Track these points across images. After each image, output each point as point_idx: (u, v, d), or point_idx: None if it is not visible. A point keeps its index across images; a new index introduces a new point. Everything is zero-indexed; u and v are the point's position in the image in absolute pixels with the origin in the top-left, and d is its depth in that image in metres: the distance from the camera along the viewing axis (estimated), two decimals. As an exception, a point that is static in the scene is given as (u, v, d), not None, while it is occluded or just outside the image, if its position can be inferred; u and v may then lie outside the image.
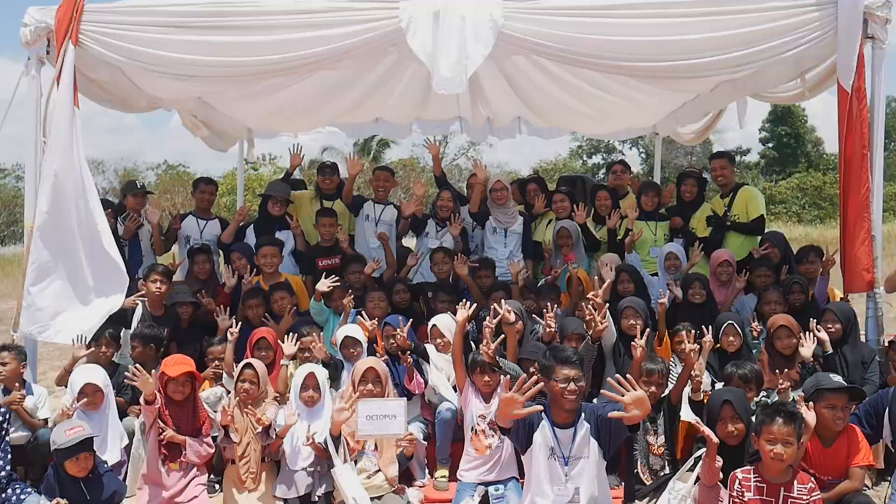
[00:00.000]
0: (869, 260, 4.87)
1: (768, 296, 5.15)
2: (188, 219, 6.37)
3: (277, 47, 4.99)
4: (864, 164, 4.87)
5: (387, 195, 6.78)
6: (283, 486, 4.18)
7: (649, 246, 6.34)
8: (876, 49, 4.92)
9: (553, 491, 3.53)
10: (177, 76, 5.32)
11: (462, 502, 4.05)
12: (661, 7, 4.82)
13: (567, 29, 4.84)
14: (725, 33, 4.81)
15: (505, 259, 6.09)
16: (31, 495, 4.10)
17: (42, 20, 4.94)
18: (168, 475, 4.09)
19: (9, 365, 4.39)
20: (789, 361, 4.66)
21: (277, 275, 5.66)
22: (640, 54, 4.94)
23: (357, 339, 4.81)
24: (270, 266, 5.62)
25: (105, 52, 5.01)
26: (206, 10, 4.96)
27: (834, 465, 3.57)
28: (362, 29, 4.87)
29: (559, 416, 3.56)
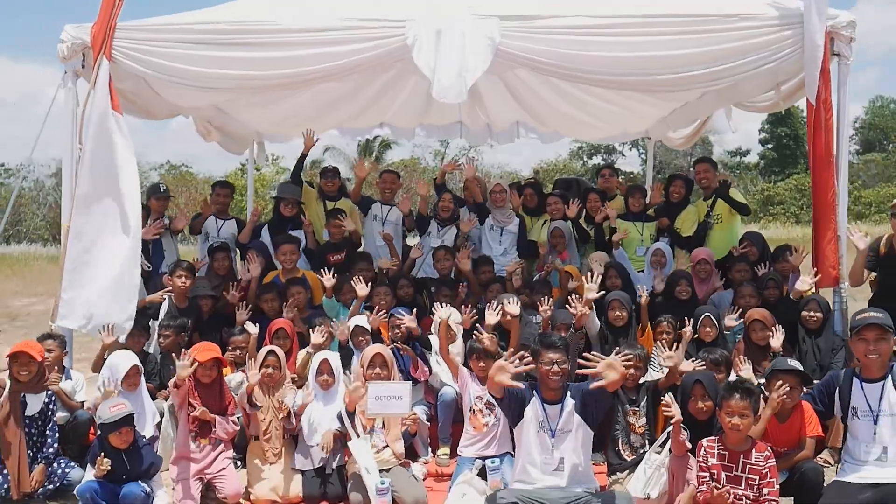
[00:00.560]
0: (835, 258, 5.35)
1: (743, 290, 5.63)
2: (210, 219, 6.88)
3: (293, 62, 5.47)
4: (829, 170, 5.34)
5: (393, 196, 7.31)
6: (300, 458, 4.68)
7: (636, 245, 6.84)
8: (841, 65, 5.40)
9: (541, 460, 4.03)
10: (200, 88, 5.81)
11: (462, 474, 4.53)
12: (645, 26, 5.29)
13: (559, 46, 5.31)
14: (703, 50, 5.28)
15: (501, 255, 6.62)
16: (74, 469, 4.60)
17: (78, 37, 5.43)
18: (199, 450, 4.58)
19: (53, 352, 4.89)
20: (764, 351, 5.16)
21: (296, 270, 6.14)
22: (625, 70, 5.42)
23: (365, 329, 5.31)
24: (290, 263, 6.12)
25: (135, 66, 5.50)
26: (228, 28, 5.46)
27: (788, 438, 4.07)
28: (371, 46, 5.35)
29: (548, 394, 4.05)
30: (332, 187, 7.24)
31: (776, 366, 4.13)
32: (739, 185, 40.07)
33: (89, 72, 5.44)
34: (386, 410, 4.55)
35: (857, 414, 3.95)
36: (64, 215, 5.47)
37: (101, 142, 5.35)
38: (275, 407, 4.72)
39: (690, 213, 7.08)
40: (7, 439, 4.44)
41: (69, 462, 4.64)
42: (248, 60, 5.46)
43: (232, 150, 8.81)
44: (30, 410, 4.57)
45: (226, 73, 5.52)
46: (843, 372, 4.12)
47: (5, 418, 4.46)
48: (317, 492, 4.55)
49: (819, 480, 3.96)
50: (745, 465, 3.74)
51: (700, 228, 6.92)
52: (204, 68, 5.48)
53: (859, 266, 5.45)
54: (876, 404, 3.88)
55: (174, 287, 5.70)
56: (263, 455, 4.68)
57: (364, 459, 4.38)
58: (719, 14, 5.29)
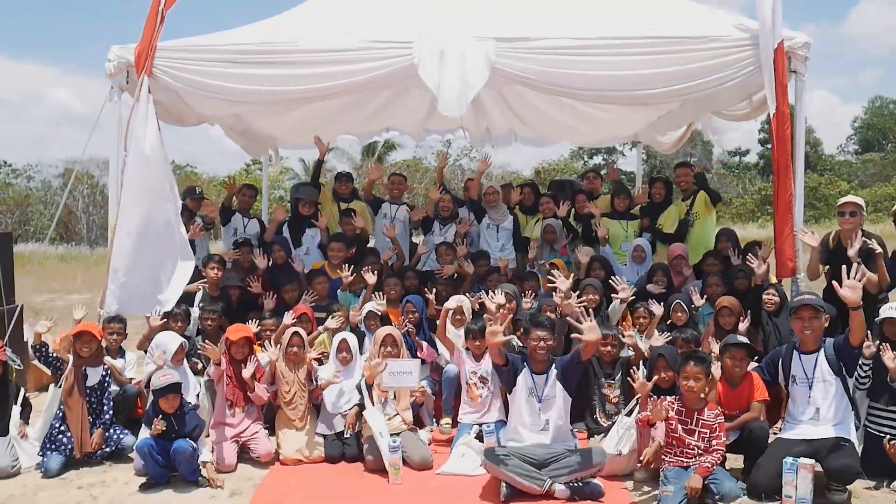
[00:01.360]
0: (792, 251, 6.09)
1: (710, 280, 6.39)
2: (235, 216, 7.71)
3: (312, 79, 6.24)
4: (787, 174, 6.09)
5: (400, 196, 8.11)
6: (323, 424, 5.45)
7: (621, 241, 7.63)
8: (798, 81, 6.17)
9: (530, 421, 4.80)
10: (228, 101, 6.60)
11: (462, 438, 5.30)
12: (623, 47, 6.05)
13: (547, 65, 6.08)
14: (675, 69, 6.03)
15: (499, 251, 7.41)
16: (128, 436, 5.37)
17: (123, 56, 6.21)
18: (234, 417, 5.35)
19: (117, 334, 5.69)
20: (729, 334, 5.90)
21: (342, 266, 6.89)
22: (606, 86, 6.19)
23: (376, 314, 6.09)
24: (336, 258, 6.99)
25: (172, 82, 6.28)
26: (255, 49, 6.23)
27: (738, 403, 4.81)
28: (382, 64, 6.12)
29: (536, 366, 4.83)
30: (346, 190, 8.06)
31: (728, 341, 4.90)
32: (738, 184, 40.83)
33: (133, 87, 6.23)
34: (399, 384, 5.34)
35: (795, 381, 4.71)
36: (111, 214, 6.25)
37: (142, 150, 6.13)
38: (299, 381, 5.50)
39: (672, 213, 7.84)
40: (71, 406, 5.21)
41: (123, 429, 5.42)
42: (272, 77, 6.23)
43: (252, 152, 9.64)
44: (89, 382, 5.34)
45: (252, 89, 6.29)
46: (785, 346, 4.88)
47: (70, 388, 5.24)
48: (337, 453, 5.31)
49: (765, 437, 4.71)
50: (699, 421, 4.50)
51: (681, 226, 7.69)
52: (233, 84, 6.25)
53: (814, 262, 6.19)
54: (811, 372, 4.64)
55: (208, 278, 6.48)
56: (290, 422, 5.45)
57: (378, 425, 5.14)
58: (688, 36, 6.05)
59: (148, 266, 6.15)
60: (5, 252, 6.88)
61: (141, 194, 6.10)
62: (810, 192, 36.03)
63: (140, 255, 6.13)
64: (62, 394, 5.27)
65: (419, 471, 5.04)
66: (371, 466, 5.06)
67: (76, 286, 16.73)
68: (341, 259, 7.03)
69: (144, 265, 6.11)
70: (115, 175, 6.26)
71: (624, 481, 4.83)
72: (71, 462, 5.17)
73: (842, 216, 5.99)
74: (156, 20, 6.19)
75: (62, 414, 5.24)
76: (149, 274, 6.16)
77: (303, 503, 4.60)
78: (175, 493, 4.76)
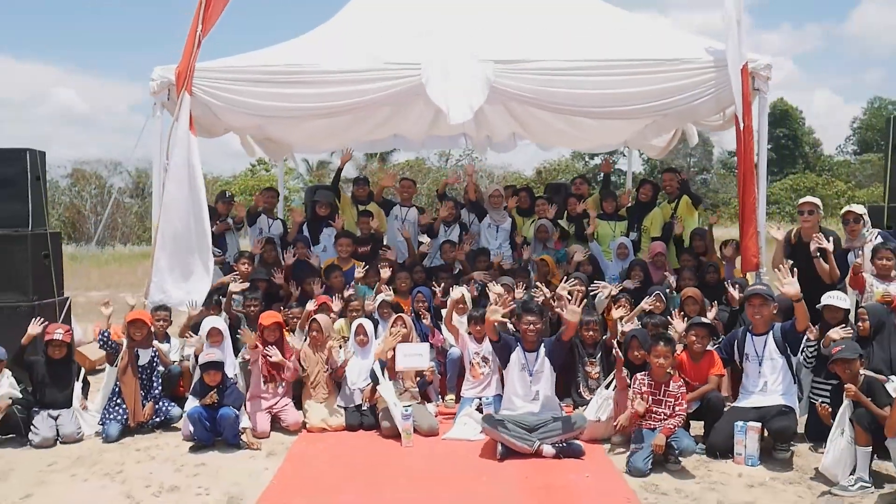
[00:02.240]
0: (756, 248, 6.95)
1: (683, 273, 7.29)
2: (261, 217, 8.63)
3: (331, 97, 7.09)
4: (751, 180, 6.94)
5: (410, 199, 9.01)
6: (343, 399, 6.34)
7: (609, 239, 8.52)
8: (760, 98, 7.03)
9: (522, 393, 5.70)
10: (256, 115, 7.48)
11: (464, 410, 6.18)
12: (607, 68, 6.90)
13: (541, 84, 6.94)
14: (653, 87, 6.89)
15: (497, 248, 8.32)
16: (174, 408, 6.27)
17: (165, 76, 7.08)
18: (267, 391, 6.24)
19: (164, 321, 6.57)
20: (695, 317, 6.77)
21: (349, 259, 7.84)
22: (592, 103, 7.07)
23: (388, 303, 6.98)
24: (345, 253, 7.91)
25: (208, 99, 7.14)
26: (281, 70, 7.08)
27: (699, 376, 5.69)
28: (394, 83, 6.98)
29: (527, 345, 5.74)
30: (363, 193, 9.01)
31: (692, 322, 5.80)
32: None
33: (173, 103, 7.10)
34: (411, 365, 6.24)
35: (748, 358, 5.59)
36: (154, 215, 7.14)
37: (182, 160, 7.00)
38: (322, 361, 6.38)
39: (656, 215, 8.74)
40: (126, 382, 6.11)
41: (170, 402, 6.31)
42: (297, 95, 7.09)
43: (272, 156, 10.55)
44: (141, 361, 6.23)
45: (279, 105, 7.16)
46: (740, 329, 5.76)
47: (125, 367, 6.13)
48: (356, 422, 6.19)
49: (721, 405, 5.58)
50: (665, 392, 5.38)
51: (665, 228, 8.57)
52: (262, 101, 7.13)
53: (778, 255, 7.04)
54: (761, 351, 5.52)
55: (239, 271, 7.37)
56: (314, 396, 6.34)
57: (391, 397, 6.02)
58: (664, 59, 6.91)
59: (182, 263, 7.00)
60: (55, 249, 7.76)
61: (179, 199, 6.97)
62: (807, 193, 36.80)
63: (177, 252, 6.99)
64: (118, 372, 6.17)
65: (427, 437, 5.92)
66: (386, 433, 5.94)
67: (93, 283, 17.64)
68: (349, 253, 7.92)
69: (180, 262, 6.96)
70: (157, 181, 7.14)
71: (602, 444, 5.72)
72: (126, 430, 6.06)
73: (801, 214, 6.83)
74: (194, 44, 7.06)
75: (118, 389, 6.14)
76: (183, 270, 7.00)
77: (329, 462, 5.47)
78: (220, 454, 5.64)
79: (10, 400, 5.82)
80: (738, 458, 5.26)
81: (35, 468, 5.37)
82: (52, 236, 7.73)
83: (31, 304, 7.29)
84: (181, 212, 7.02)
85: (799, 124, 48.14)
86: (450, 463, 5.41)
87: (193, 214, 7.09)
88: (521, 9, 7.86)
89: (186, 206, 7.05)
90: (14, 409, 5.83)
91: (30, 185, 7.41)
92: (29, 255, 7.34)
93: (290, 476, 5.18)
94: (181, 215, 7.02)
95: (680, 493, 4.80)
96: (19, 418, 5.86)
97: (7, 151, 7.43)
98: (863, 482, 4.71)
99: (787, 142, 46.97)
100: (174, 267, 7.00)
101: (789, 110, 47.89)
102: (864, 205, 7.10)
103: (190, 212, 7.05)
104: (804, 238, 6.83)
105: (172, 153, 7.00)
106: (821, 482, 4.91)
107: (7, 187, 7.35)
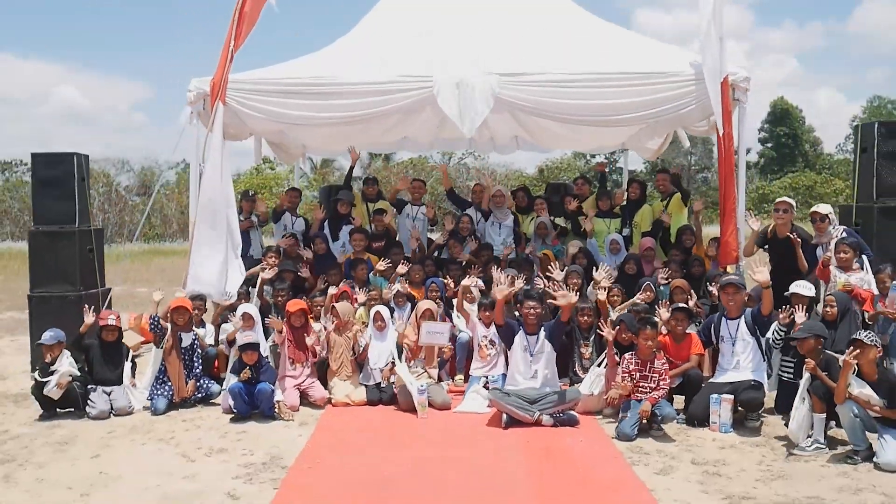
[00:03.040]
0: (735, 244, 7.77)
1: (671, 266, 8.11)
2: (285, 214, 9.50)
3: (350, 107, 7.90)
4: (731, 184, 7.75)
5: (420, 198, 9.86)
6: (364, 377, 7.17)
7: (604, 235, 9.33)
8: (740, 108, 7.84)
9: (524, 371, 6.53)
10: (282, 123, 8.31)
11: (473, 386, 7.01)
12: (600, 81, 7.71)
13: (541, 95, 7.76)
14: (642, 99, 7.71)
15: (501, 244, 9.15)
16: (213, 385, 7.10)
17: (200, 87, 7.90)
18: (295, 370, 7.06)
19: (199, 309, 7.40)
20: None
21: (363, 253, 8.68)
22: (587, 112, 7.90)
23: (402, 293, 7.82)
24: (358, 246, 8.72)
25: (239, 108, 7.96)
26: (305, 82, 7.91)
27: (681, 355, 6.51)
28: (407, 95, 7.79)
29: (528, 328, 6.56)
30: (373, 192, 9.89)
31: (674, 307, 6.64)
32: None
33: (207, 113, 7.91)
34: (433, 341, 7.07)
35: (723, 340, 6.42)
36: (191, 213, 7.96)
37: (216, 163, 7.82)
38: (345, 344, 7.21)
39: (646, 212, 9.57)
40: (170, 362, 6.94)
41: (210, 380, 7.14)
42: (319, 105, 7.92)
43: (284, 160, 11.36)
44: (183, 344, 7.06)
45: (303, 114, 8.00)
46: (717, 315, 6.59)
47: (170, 348, 6.96)
48: (376, 398, 7.02)
49: (699, 380, 6.41)
50: (651, 368, 6.20)
51: (655, 224, 9.40)
52: (288, 110, 7.96)
53: (751, 243, 7.83)
54: (734, 333, 6.35)
55: (268, 264, 8.20)
56: (338, 375, 7.17)
57: (406, 375, 6.84)
58: (652, 72, 7.73)
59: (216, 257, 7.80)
60: (98, 244, 8.59)
61: (213, 199, 7.78)
62: (806, 191, 37.62)
63: (211, 247, 7.79)
64: (163, 353, 7.00)
65: (440, 410, 6.75)
66: (403, 406, 6.76)
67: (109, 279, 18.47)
68: (362, 247, 8.75)
69: (214, 256, 7.76)
70: (194, 182, 7.96)
71: (595, 416, 6.54)
72: (172, 405, 6.88)
73: (776, 213, 7.64)
74: (227, 58, 7.87)
75: (164, 368, 6.97)
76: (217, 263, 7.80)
77: (355, 429, 6.29)
78: (258, 424, 6.47)
79: (70, 377, 6.63)
80: (714, 426, 6.08)
81: (97, 435, 6.19)
82: (96, 232, 8.58)
83: (79, 293, 8.15)
84: (215, 211, 7.84)
85: (799, 123, 48.90)
86: (461, 430, 6.24)
87: (226, 214, 7.92)
88: (522, 24, 8.71)
89: (220, 206, 7.87)
90: (74, 386, 6.65)
91: (76, 186, 8.25)
92: (76, 249, 8.19)
93: (322, 440, 6.01)
94: (215, 214, 7.84)
95: (660, 453, 5.62)
96: (78, 394, 6.68)
97: (56, 155, 8.27)
98: (818, 444, 5.53)
99: (787, 140, 47.76)
100: (209, 260, 7.80)
101: (790, 109, 48.67)
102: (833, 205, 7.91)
103: (223, 211, 7.88)
104: (779, 234, 7.64)
105: (208, 157, 7.82)
106: (784, 445, 5.73)
107: (56, 188, 8.20)
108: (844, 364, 5.21)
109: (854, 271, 6.80)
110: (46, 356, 6.64)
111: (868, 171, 7.97)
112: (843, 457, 5.42)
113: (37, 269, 8.29)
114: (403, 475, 5.17)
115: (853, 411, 5.29)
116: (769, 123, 49.35)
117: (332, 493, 4.88)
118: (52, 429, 6.36)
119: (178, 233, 36.28)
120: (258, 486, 4.99)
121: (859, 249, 7.06)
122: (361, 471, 5.25)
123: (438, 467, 5.33)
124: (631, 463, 5.39)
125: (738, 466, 5.30)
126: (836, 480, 5.03)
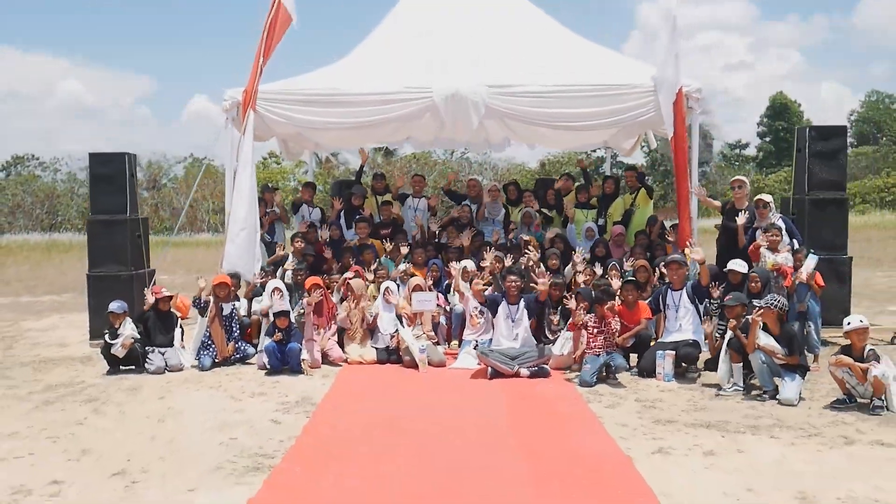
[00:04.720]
0: (689, 229, 9.32)
1: (636, 250, 9.68)
2: (303, 206, 11.08)
3: (361, 114, 9.49)
4: (685, 180, 9.30)
5: (421, 191, 11.48)
6: (375, 340, 8.77)
7: (583, 224, 10.90)
8: (692, 115, 9.40)
9: (506, 333, 8.12)
10: (301, 127, 9.89)
11: (465, 348, 8.59)
12: (576, 92, 9.27)
13: (525, 105, 9.33)
14: (610, 107, 9.28)
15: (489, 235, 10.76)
16: (249, 347, 8.70)
17: (235, 97, 9.47)
18: (317, 334, 8.65)
19: (233, 286, 8.99)
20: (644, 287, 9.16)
21: (367, 239, 10.26)
22: (564, 119, 9.47)
23: (406, 272, 9.40)
24: (363, 233, 10.32)
25: (267, 115, 9.54)
26: (324, 92, 9.49)
27: (634, 319, 8.06)
28: (410, 104, 9.36)
29: (510, 299, 8.16)
30: (381, 186, 11.50)
31: (625, 280, 8.21)
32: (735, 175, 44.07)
33: (240, 118, 9.48)
34: (422, 307, 8.65)
35: (668, 307, 7.99)
36: (227, 205, 9.54)
37: (247, 162, 9.40)
38: (358, 314, 8.79)
39: (618, 204, 11.16)
40: (214, 328, 8.53)
41: (246, 343, 8.73)
42: (336, 112, 9.50)
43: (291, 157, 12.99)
44: (224, 313, 8.65)
45: (322, 120, 9.58)
46: (663, 287, 8.16)
47: (213, 317, 8.55)
48: (384, 358, 8.61)
49: (648, 339, 7.98)
50: (606, 326, 7.76)
51: (625, 214, 10.97)
52: (310, 117, 9.55)
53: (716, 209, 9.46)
54: (678, 302, 7.93)
55: (294, 248, 9.81)
56: (352, 340, 8.77)
57: (409, 338, 8.42)
58: (618, 83, 9.29)
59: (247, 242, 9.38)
60: (145, 231, 10.18)
61: (243, 193, 9.36)
62: (800, 185, 39.01)
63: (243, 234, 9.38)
64: (207, 321, 8.57)
65: (437, 367, 8.33)
66: (407, 364, 8.35)
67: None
68: (366, 234, 10.35)
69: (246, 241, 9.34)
70: (229, 178, 9.55)
71: (564, 371, 8.12)
72: (215, 363, 8.46)
73: (733, 189, 9.24)
74: (257, 71, 9.44)
75: (209, 333, 8.55)
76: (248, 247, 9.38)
77: (368, 380, 7.88)
78: (288, 377, 8.04)
79: (132, 339, 8.21)
80: (659, 376, 7.64)
81: (158, 384, 7.77)
82: (143, 221, 10.17)
83: (130, 273, 9.74)
84: (245, 204, 9.41)
85: (798, 117, 50.20)
86: (454, 381, 7.82)
87: (252, 205, 9.50)
88: (508, 41, 10.26)
89: (249, 200, 9.45)
90: (135, 346, 8.23)
91: (127, 181, 9.83)
92: (127, 235, 9.77)
93: (342, 388, 7.59)
94: (246, 206, 9.41)
95: (612, 395, 7.19)
96: (139, 353, 8.26)
97: (110, 155, 9.87)
98: (737, 387, 7.09)
99: (785, 134, 49.03)
100: (241, 244, 9.38)
101: (788, 104, 50.02)
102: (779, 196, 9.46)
103: (252, 204, 9.47)
104: (737, 206, 9.19)
105: (240, 157, 9.39)
106: (713, 390, 7.29)
107: (111, 183, 9.78)
108: (752, 322, 6.78)
109: (781, 252, 8.33)
110: (115, 323, 8.22)
111: (802, 168, 9.50)
112: (755, 396, 6.99)
113: (94, 252, 9.88)
114: (408, 413, 6.72)
115: (761, 359, 6.85)
116: (768, 118, 50.71)
117: (353, 421, 6.45)
118: (120, 380, 7.95)
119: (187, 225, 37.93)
120: (294, 416, 6.57)
121: (790, 234, 8.60)
122: (375, 411, 6.81)
123: (436, 408, 6.88)
124: (587, 401, 6.96)
125: (670, 402, 6.87)
126: (744, 411, 6.59)
